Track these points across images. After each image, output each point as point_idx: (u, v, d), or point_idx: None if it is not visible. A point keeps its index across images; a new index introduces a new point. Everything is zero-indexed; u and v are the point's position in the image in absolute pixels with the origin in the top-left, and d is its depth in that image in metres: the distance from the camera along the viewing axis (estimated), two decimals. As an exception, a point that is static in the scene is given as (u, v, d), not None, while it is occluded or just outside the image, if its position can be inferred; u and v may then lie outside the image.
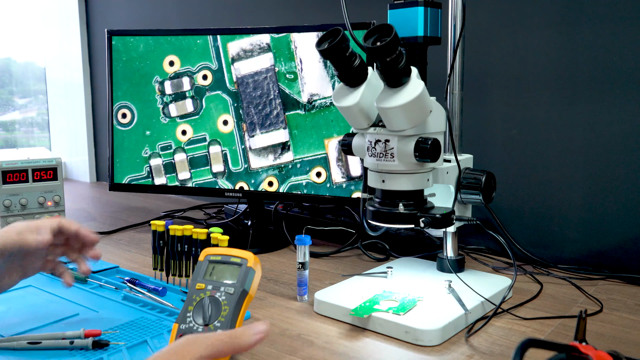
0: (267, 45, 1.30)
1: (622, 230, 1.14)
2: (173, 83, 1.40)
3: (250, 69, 1.32)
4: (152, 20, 2.00)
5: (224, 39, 1.34)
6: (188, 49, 1.38)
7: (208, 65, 1.36)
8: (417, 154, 0.84)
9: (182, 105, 1.39)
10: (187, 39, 1.38)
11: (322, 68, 1.25)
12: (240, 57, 1.32)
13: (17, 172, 1.44)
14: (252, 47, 1.31)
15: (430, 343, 0.82)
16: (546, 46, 1.20)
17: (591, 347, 0.52)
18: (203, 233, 1.01)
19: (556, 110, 1.20)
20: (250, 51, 1.31)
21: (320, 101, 1.26)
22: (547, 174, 1.22)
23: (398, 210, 0.88)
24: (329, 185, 1.27)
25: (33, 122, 2.47)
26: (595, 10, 1.13)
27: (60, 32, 2.30)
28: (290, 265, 1.19)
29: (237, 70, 1.33)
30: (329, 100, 1.25)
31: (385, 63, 0.78)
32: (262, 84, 1.31)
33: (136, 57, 1.42)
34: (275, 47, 1.29)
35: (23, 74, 2.44)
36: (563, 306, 0.97)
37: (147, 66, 1.42)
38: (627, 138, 1.12)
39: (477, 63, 1.27)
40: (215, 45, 1.34)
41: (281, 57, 1.29)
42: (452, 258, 1.06)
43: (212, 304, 0.75)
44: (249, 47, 1.31)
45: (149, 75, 1.41)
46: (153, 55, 1.40)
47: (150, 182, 1.44)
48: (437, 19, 0.97)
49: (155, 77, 1.41)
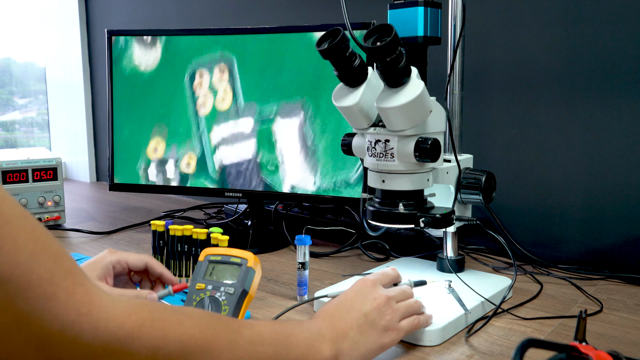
0: (249, 135, 1.32)
1: (622, 230, 1.14)
2: (157, 169, 1.43)
3: (232, 157, 1.35)
4: (152, 20, 2.00)
5: (208, 126, 1.36)
6: (172, 136, 1.40)
7: (191, 151, 1.39)
8: (417, 154, 0.84)
9: (167, 180, 1.43)
10: (170, 126, 1.40)
11: (304, 160, 1.27)
12: (223, 145, 1.35)
13: (17, 172, 1.44)
14: (235, 137, 1.34)
15: (430, 343, 0.82)
16: (546, 46, 1.20)
17: (591, 347, 0.52)
18: (203, 233, 1.02)
19: (556, 110, 1.20)
20: (233, 140, 1.34)
21: (301, 192, 1.28)
22: (547, 174, 1.22)
23: (398, 210, 0.88)
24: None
25: (33, 122, 2.47)
26: (595, 10, 1.13)
27: (60, 32, 2.30)
28: (290, 265, 1.19)
29: (219, 158, 1.36)
30: (309, 191, 1.27)
31: (385, 63, 0.78)
32: (244, 174, 1.34)
33: (122, 142, 1.44)
34: (258, 137, 1.32)
35: (23, 74, 2.44)
36: (563, 306, 0.97)
37: (130, 152, 1.44)
38: (627, 138, 1.12)
39: (477, 63, 1.27)
40: (199, 133, 1.37)
41: (263, 147, 1.31)
42: (452, 258, 1.06)
43: (212, 304, 0.75)
44: (232, 136, 1.34)
45: (133, 160, 1.45)
46: (137, 141, 1.44)
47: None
48: (437, 19, 0.97)
49: (139, 163, 1.44)
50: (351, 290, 0.77)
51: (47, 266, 0.46)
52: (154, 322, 0.52)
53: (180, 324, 0.54)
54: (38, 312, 0.45)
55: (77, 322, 0.46)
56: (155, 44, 1.40)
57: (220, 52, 1.35)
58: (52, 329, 0.45)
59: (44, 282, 0.45)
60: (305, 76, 1.27)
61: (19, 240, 0.44)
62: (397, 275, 0.85)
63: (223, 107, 1.35)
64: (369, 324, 0.72)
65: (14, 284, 0.43)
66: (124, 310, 0.50)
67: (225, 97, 1.35)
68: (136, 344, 0.50)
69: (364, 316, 0.72)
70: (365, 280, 0.79)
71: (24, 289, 0.44)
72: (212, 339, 0.56)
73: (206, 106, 1.37)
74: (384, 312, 0.74)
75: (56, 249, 0.48)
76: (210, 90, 1.36)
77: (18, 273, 0.43)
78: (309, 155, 1.27)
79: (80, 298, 0.47)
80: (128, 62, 1.43)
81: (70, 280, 0.47)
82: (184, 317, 0.56)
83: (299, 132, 1.28)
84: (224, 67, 1.35)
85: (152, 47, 1.40)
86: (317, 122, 1.26)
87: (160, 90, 1.41)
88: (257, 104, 1.32)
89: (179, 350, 0.53)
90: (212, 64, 1.36)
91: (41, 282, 0.45)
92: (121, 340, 0.49)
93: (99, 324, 0.48)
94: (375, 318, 0.73)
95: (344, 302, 0.74)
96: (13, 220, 0.44)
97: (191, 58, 1.38)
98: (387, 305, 0.75)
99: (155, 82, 1.41)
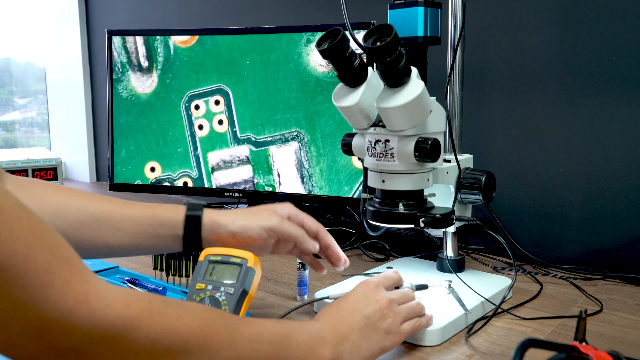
0: (246, 158, 1.33)
1: (622, 230, 1.14)
2: (154, 188, 1.44)
3: (229, 179, 1.34)
4: (152, 20, 2.00)
5: (204, 148, 1.37)
6: (169, 156, 1.40)
7: (188, 172, 1.38)
8: (417, 154, 0.84)
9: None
10: (167, 147, 1.41)
11: (300, 183, 1.28)
12: (220, 167, 1.35)
13: (17, 172, 1.44)
14: (232, 159, 1.34)
15: (430, 343, 0.82)
16: (546, 46, 1.20)
17: (591, 347, 0.52)
18: (203, 233, 1.01)
19: (556, 110, 1.20)
20: (230, 162, 1.33)
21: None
22: (547, 174, 1.22)
23: (398, 210, 0.88)
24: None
25: (33, 122, 2.47)
26: (595, 10, 1.13)
27: (60, 32, 2.30)
28: (290, 265, 1.19)
29: (216, 179, 1.35)
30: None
31: (385, 63, 0.78)
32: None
33: (118, 162, 1.45)
34: (254, 160, 1.32)
35: (23, 74, 2.44)
36: (563, 306, 0.97)
37: (128, 171, 1.45)
38: (627, 138, 1.12)
39: (477, 63, 1.27)
40: (196, 154, 1.37)
41: (260, 169, 1.31)
42: (452, 258, 1.06)
43: (212, 304, 0.75)
44: (229, 158, 1.34)
45: (131, 179, 1.46)
46: (135, 161, 1.43)
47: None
48: (437, 19, 0.97)
49: (136, 181, 1.43)
50: (353, 292, 0.77)
51: (44, 254, 0.46)
52: (153, 313, 0.52)
53: (179, 317, 0.54)
54: (35, 300, 0.45)
55: (75, 310, 0.47)
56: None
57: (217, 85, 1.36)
58: (49, 317, 0.45)
59: (40, 271, 0.45)
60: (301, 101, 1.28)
61: (14, 230, 0.44)
62: (399, 279, 0.85)
63: (220, 130, 1.37)
64: (370, 327, 0.72)
65: (11, 272, 0.44)
66: (123, 300, 0.50)
67: (222, 122, 1.36)
68: (135, 333, 0.50)
69: (365, 319, 0.72)
70: (368, 282, 0.79)
71: (21, 278, 0.44)
72: (211, 334, 0.56)
73: (203, 129, 1.38)
74: (386, 315, 0.74)
75: (52, 238, 0.48)
76: (207, 115, 1.38)
77: (14, 261, 0.44)
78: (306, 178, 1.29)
79: (77, 286, 0.47)
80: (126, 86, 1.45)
81: (66, 268, 0.47)
82: (184, 311, 0.55)
83: (295, 156, 1.29)
84: (220, 98, 1.36)
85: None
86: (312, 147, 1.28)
87: (156, 114, 1.42)
88: (252, 133, 1.33)
89: (177, 343, 0.53)
90: (207, 96, 1.37)
91: (38, 270, 0.45)
92: (119, 329, 0.49)
93: (97, 312, 0.48)
94: (377, 321, 0.73)
95: (346, 305, 0.74)
96: (8, 209, 0.44)
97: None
98: (389, 308, 0.75)
99: (152, 106, 1.42)
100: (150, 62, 1.40)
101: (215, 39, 1.36)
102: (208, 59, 1.35)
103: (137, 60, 1.41)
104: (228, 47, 1.34)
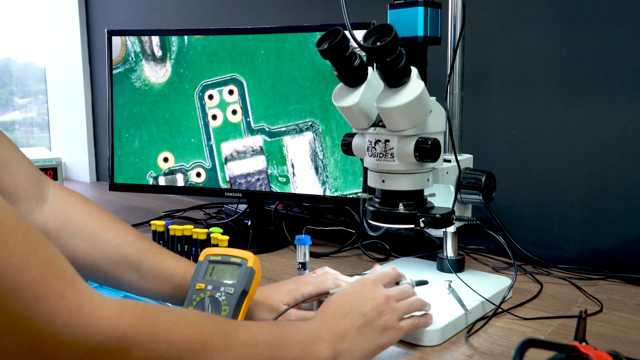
0: (260, 148, 1.32)
1: (622, 230, 1.14)
2: (167, 179, 1.42)
3: (243, 169, 1.34)
4: (152, 20, 2.00)
5: (218, 139, 1.36)
6: (182, 147, 1.39)
7: (202, 163, 1.38)
8: (417, 154, 0.84)
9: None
10: (181, 137, 1.39)
11: (314, 174, 1.27)
12: (233, 157, 1.34)
13: (17, 172, 1.44)
14: (245, 149, 1.33)
15: (430, 343, 0.82)
16: (546, 46, 1.20)
17: (591, 347, 0.52)
18: (203, 233, 1.02)
19: (556, 110, 1.20)
20: (244, 153, 1.33)
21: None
22: (547, 174, 1.22)
23: (398, 210, 0.88)
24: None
25: (33, 122, 2.47)
26: (595, 10, 1.13)
27: (60, 32, 2.30)
28: (290, 265, 1.19)
29: (230, 170, 1.34)
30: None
31: (385, 63, 0.78)
32: (255, 185, 1.33)
33: (131, 152, 1.43)
34: (268, 150, 1.31)
35: (23, 74, 2.44)
36: (563, 306, 0.97)
37: (141, 162, 1.44)
38: (626, 138, 1.12)
39: (477, 63, 1.27)
40: (209, 144, 1.36)
41: (274, 160, 1.31)
42: (452, 258, 1.06)
43: (212, 304, 0.75)
44: (243, 149, 1.33)
45: (143, 171, 1.43)
46: (147, 152, 1.42)
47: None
48: (437, 19, 0.97)
49: (149, 172, 1.42)
50: (351, 290, 0.77)
51: (38, 268, 0.46)
52: (147, 322, 0.52)
53: (173, 325, 0.54)
54: (29, 313, 0.45)
55: (69, 323, 0.47)
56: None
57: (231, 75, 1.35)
58: (43, 330, 0.45)
59: (34, 284, 0.45)
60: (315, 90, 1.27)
61: (10, 243, 0.44)
62: (398, 274, 0.85)
63: (234, 120, 1.36)
64: (367, 325, 0.72)
65: (5, 285, 0.44)
66: (117, 311, 0.50)
67: (236, 112, 1.36)
68: (129, 343, 0.50)
69: (363, 316, 0.73)
70: (366, 280, 0.79)
71: (15, 290, 0.44)
72: (206, 341, 0.56)
73: (217, 119, 1.38)
74: (383, 312, 0.74)
75: (48, 252, 0.48)
76: (221, 105, 1.37)
77: (9, 274, 0.44)
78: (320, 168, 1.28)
79: (71, 299, 0.47)
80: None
81: (61, 282, 0.47)
82: (177, 319, 0.56)
83: (310, 146, 1.28)
84: (234, 88, 1.35)
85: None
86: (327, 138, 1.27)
87: (170, 104, 1.41)
88: (266, 123, 1.33)
89: (171, 351, 0.53)
90: (221, 85, 1.36)
91: (32, 283, 0.45)
92: (114, 340, 0.49)
93: (91, 324, 0.48)
94: (374, 318, 0.73)
95: (343, 303, 0.74)
96: (4, 222, 0.45)
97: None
98: (386, 304, 0.75)
99: (166, 96, 1.41)
100: (163, 52, 1.40)
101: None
102: (222, 49, 1.34)
103: (151, 49, 1.40)
104: (242, 37, 1.33)
